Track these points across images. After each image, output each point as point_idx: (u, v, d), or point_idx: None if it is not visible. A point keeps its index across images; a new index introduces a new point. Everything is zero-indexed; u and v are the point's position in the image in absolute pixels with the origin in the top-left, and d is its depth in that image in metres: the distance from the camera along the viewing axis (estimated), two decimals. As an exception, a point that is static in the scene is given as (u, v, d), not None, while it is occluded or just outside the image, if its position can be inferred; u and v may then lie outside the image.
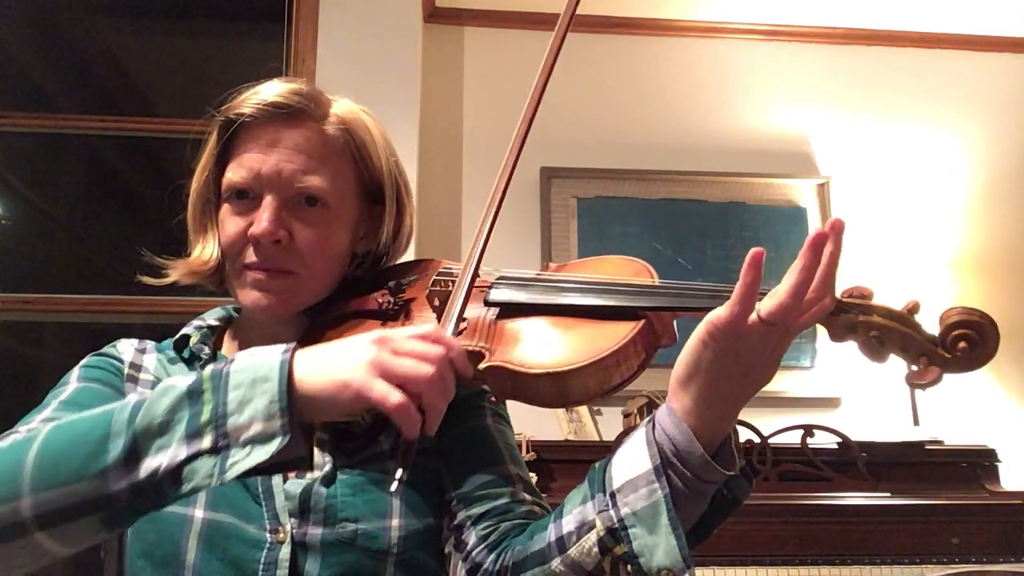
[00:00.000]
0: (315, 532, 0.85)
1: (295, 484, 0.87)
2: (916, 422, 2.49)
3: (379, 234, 1.00)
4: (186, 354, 0.98)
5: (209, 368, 0.69)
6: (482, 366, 0.79)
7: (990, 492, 2.16)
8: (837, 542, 2.02)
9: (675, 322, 0.81)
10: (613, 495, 0.74)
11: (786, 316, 0.68)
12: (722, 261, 2.83)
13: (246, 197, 0.91)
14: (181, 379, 0.69)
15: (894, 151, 3.00)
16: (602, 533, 0.74)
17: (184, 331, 1.00)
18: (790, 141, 2.98)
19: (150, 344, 1.00)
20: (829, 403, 2.72)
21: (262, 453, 0.64)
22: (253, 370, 0.67)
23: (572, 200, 2.83)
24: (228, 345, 1.02)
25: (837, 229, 0.68)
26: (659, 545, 0.70)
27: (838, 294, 0.72)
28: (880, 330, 0.71)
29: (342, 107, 0.97)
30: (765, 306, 0.68)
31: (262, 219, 0.89)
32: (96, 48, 3.01)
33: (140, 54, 3.02)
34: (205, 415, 0.66)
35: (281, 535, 0.84)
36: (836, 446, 2.20)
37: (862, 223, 2.92)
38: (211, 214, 0.95)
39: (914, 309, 0.72)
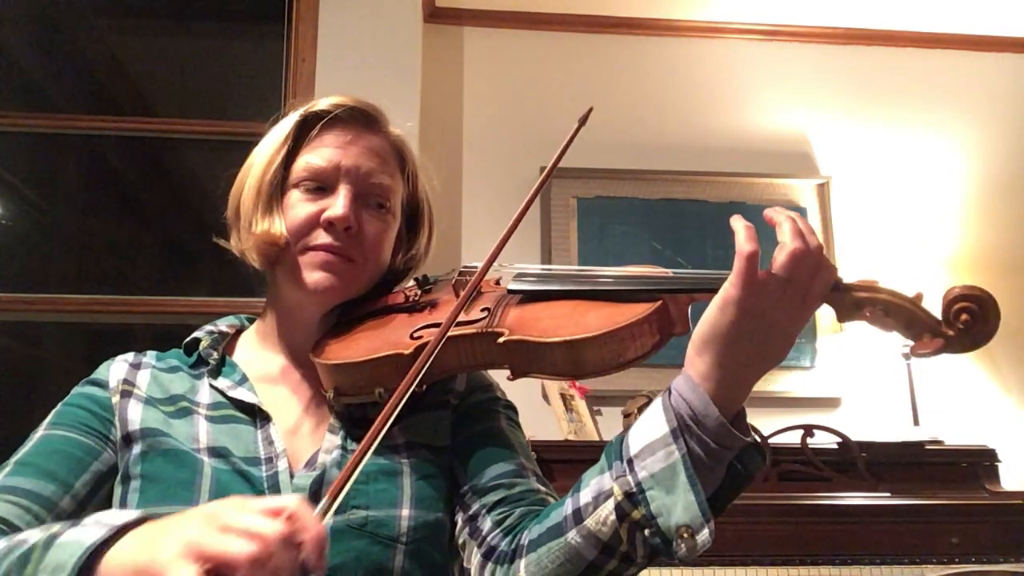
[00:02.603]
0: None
1: (305, 476, 0.88)
2: (916, 422, 2.49)
3: (410, 251, 1.07)
4: (195, 357, 0.99)
5: (52, 529, 0.69)
6: (501, 340, 0.81)
7: (990, 492, 2.16)
8: (837, 542, 2.02)
9: (689, 311, 0.83)
10: (631, 461, 0.74)
11: (797, 263, 0.70)
12: (722, 261, 2.80)
13: (317, 186, 0.97)
14: (32, 536, 0.70)
15: (894, 151, 3.00)
16: (620, 498, 0.74)
17: (196, 334, 1.02)
18: (790, 141, 2.98)
19: (147, 357, 1.01)
20: (829, 403, 2.72)
21: None
22: (61, 551, 0.66)
23: (572, 200, 2.83)
24: (241, 349, 1.04)
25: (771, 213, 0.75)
26: (677, 503, 0.71)
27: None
28: (885, 304, 0.73)
29: (395, 128, 1.04)
30: (776, 261, 0.71)
31: (339, 204, 0.94)
32: (96, 48, 3.01)
33: (140, 54, 3.02)
34: None
35: None
36: (836, 446, 2.20)
37: (862, 223, 2.92)
38: (278, 197, 0.98)
39: (918, 299, 0.75)
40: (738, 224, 0.73)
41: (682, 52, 3.03)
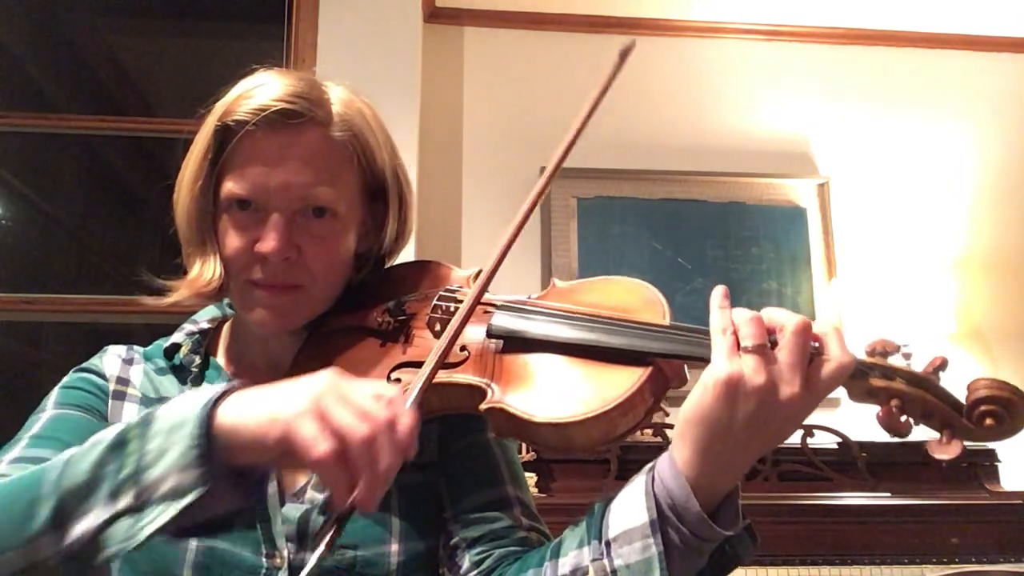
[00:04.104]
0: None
1: (294, 508, 0.85)
2: (916, 422, 2.49)
3: (382, 232, 0.96)
4: (176, 361, 0.94)
5: (135, 419, 0.66)
6: (483, 406, 0.77)
7: (990, 492, 2.16)
8: (837, 542, 2.02)
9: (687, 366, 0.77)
10: (608, 544, 0.72)
11: (757, 330, 0.66)
12: (722, 261, 2.83)
13: (248, 207, 0.85)
14: (111, 430, 0.66)
15: (894, 151, 3.00)
16: None
17: (174, 339, 0.96)
18: (790, 141, 2.98)
19: (138, 352, 0.97)
20: (829, 403, 2.70)
21: (172, 509, 0.60)
22: (175, 415, 0.63)
23: (572, 200, 2.83)
24: (224, 347, 0.99)
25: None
26: None
27: (862, 352, 0.70)
28: (902, 398, 0.68)
29: (342, 102, 0.90)
30: (742, 335, 0.66)
31: (270, 237, 0.83)
32: (96, 48, 3.01)
33: (140, 54, 3.03)
34: (127, 469, 0.62)
35: (278, 560, 0.82)
36: (836, 446, 2.20)
37: (862, 223, 2.92)
38: (209, 225, 0.88)
39: (941, 367, 0.69)
40: (713, 300, 0.69)
41: (682, 52, 3.03)
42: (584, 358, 0.77)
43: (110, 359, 0.94)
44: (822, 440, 2.20)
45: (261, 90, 0.86)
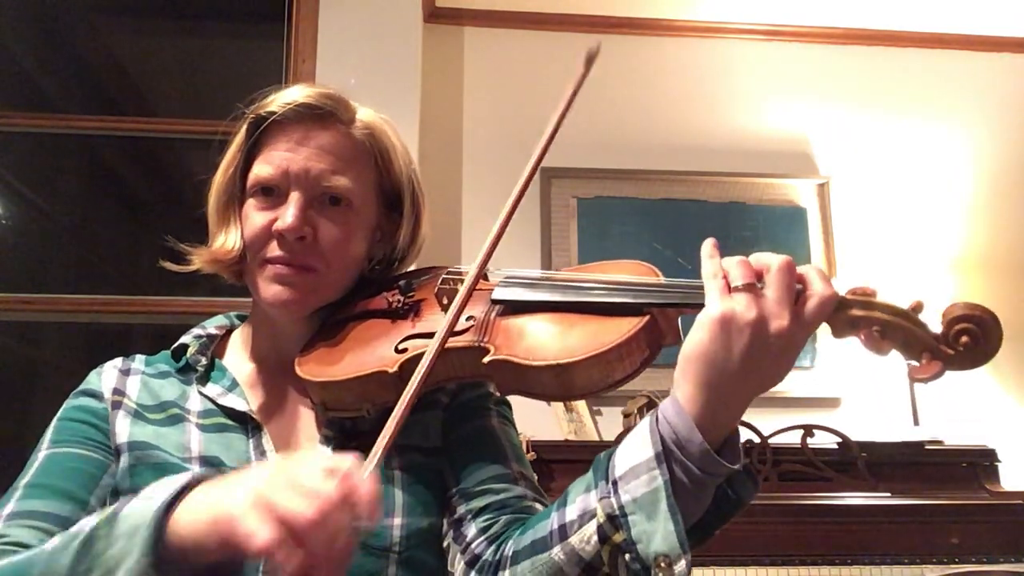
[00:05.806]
0: None
1: None
2: (916, 422, 2.49)
3: (395, 239, 1.02)
4: (183, 363, 0.98)
5: (108, 510, 0.69)
6: (486, 360, 0.79)
7: (990, 492, 2.16)
8: (837, 542, 2.02)
9: (680, 321, 0.81)
10: (615, 483, 0.73)
11: (745, 270, 0.71)
12: (722, 261, 2.82)
13: (272, 193, 0.93)
14: (88, 521, 0.70)
15: (894, 151, 3.00)
16: (602, 520, 0.73)
17: (183, 340, 1.00)
18: (790, 141, 2.98)
19: (136, 362, 1.00)
20: (829, 403, 2.72)
21: None
22: (135, 517, 0.66)
23: (572, 200, 2.83)
24: (231, 351, 1.02)
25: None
26: (657, 531, 0.69)
27: (842, 292, 0.73)
28: (882, 324, 0.71)
29: (366, 114, 0.99)
30: (730, 275, 0.72)
31: (288, 215, 0.90)
32: (96, 48, 3.01)
33: (140, 54, 3.02)
34: (95, 573, 0.66)
35: None
36: (836, 446, 2.20)
37: (862, 223, 2.92)
38: (235, 208, 0.96)
39: (917, 308, 0.72)
40: (704, 250, 0.75)
41: (682, 52, 3.03)
42: (582, 313, 0.81)
43: (108, 373, 0.97)
44: (822, 440, 2.20)
45: (294, 90, 0.95)
